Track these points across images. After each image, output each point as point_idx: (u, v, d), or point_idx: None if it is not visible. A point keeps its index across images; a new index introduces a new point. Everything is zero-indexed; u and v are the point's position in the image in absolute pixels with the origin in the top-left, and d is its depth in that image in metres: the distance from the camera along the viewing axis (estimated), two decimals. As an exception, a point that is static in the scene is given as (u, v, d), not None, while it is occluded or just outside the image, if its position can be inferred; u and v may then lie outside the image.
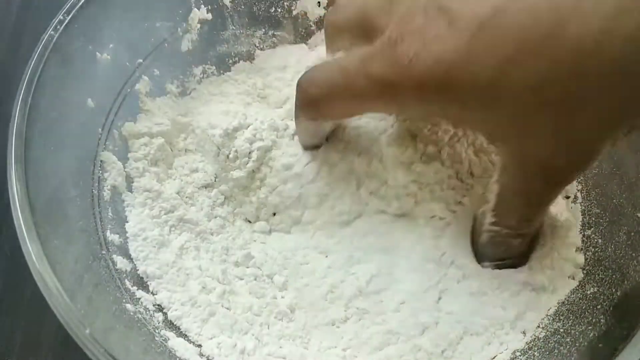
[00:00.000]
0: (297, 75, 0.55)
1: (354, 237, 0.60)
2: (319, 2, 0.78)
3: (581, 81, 0.37)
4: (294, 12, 0.77)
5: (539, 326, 0.57)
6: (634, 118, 0.39)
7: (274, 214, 0.62)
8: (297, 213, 0.61)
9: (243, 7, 0.75)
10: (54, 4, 0.59)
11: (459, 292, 0.58)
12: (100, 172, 0.61)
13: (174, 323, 0.55)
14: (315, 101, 0.50)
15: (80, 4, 0.58)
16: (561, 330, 0.55)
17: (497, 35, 0.38)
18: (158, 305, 0.56)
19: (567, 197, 0.65)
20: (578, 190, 0.65)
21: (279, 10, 0.77)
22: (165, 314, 0.56)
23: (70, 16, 0.57)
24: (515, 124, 0.41)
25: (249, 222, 0.63)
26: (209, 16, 0.72)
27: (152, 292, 0.56)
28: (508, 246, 0.55)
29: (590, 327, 0.53)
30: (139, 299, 0.55)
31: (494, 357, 0.55)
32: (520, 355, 0.55)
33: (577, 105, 0.38)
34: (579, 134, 0.40)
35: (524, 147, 0.43)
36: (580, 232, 0.62)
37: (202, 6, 0.71)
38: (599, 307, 0.55)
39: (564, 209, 0.63)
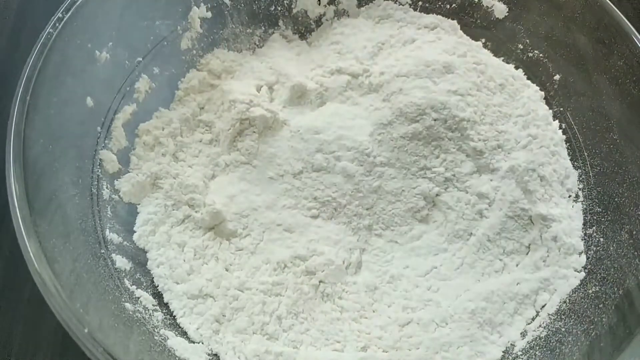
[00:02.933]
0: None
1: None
2: (319, 1, 0.78)
3: None
4: (294, 11, 0.77)
5: (540, 325, 0.57)
6: None
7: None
8: None
9: (243, 5, 0.74)
10: (52, 2, 0.59)
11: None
12: (100, 170, 0.60)
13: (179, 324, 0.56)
14: None
15: (79, 2, 0.58)
16: (563, 329, 0.55)
17: None
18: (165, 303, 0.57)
19: (569, 196, 0.65)
20: (580, 189, 0.65)
21: (279, 8, 0.76)
22: (165, 313, 0.56)
23: (69, 14, 0.57)
24: None
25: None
26: (209, 14, 0.72)
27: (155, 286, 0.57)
28: None
29: (592, 326, 0.53)
30: (138, 298, 0.55)
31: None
32: (521, 355, 0.55)
33: None
34: None
35: None
36: (582, 231, 0.62)
37: (202, 4, 0.71)
38: (600, 306, 0.54)
39: (565, 208, 0.63)
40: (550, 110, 0.69)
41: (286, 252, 0.60)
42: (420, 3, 0.76)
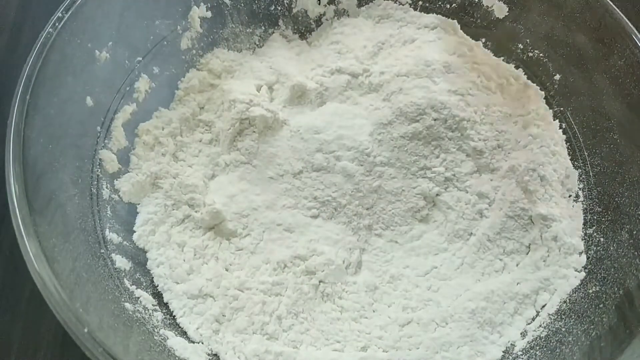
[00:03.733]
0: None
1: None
2: (319, 0, 0.78)
3: None
4: (294, 10, 0.77)
5: (540, 325, 0.57)
6: None
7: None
8: None
9: (243, 5, 0.74)
10: (52, 1, 0.59)
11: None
12: (100, 170, 0.60)
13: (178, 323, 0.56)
14: None
15: (79, 1, 0.58)
16: (563, 329, 0.55)
17: None
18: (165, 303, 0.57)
19: (569, 196, 0.65)
20: (580, 189, 0.65)
21: (279, 8, 0.76)
22: (164, 312, 0.56)
23: (69, 14, 0.57)
24: None
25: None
26: (209, 14, 0.72)
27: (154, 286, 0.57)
28: None
29: (592, 326, 0.53)
30: (138, 298, 0.55)
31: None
32: (522, 355, 0.55)
33: None
34: None
35: None
36: (582, 231, 0.62)
37: (202, 4, 0.71)
38: (601, 305, 0.54)
39: (566, 207, 0.63)
40: (551, 110, 0.69)
41: (286, 252, 0.60)
42: (420, 3, 0.76)
